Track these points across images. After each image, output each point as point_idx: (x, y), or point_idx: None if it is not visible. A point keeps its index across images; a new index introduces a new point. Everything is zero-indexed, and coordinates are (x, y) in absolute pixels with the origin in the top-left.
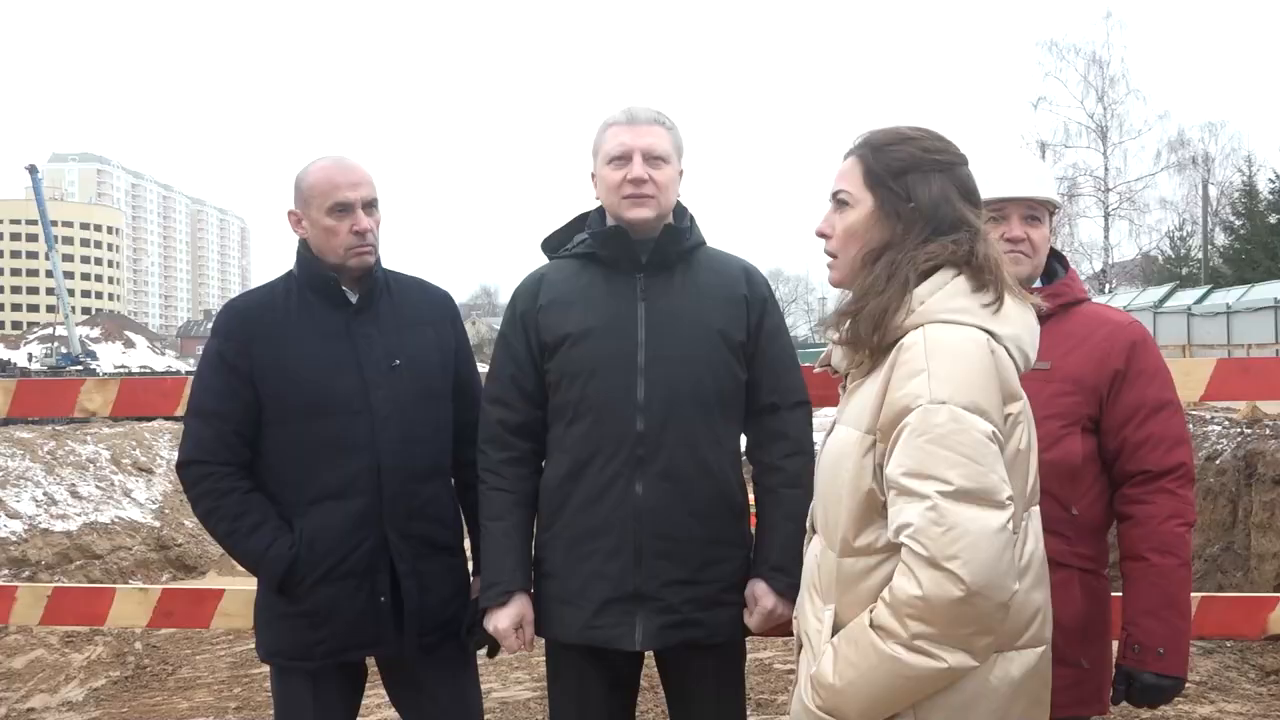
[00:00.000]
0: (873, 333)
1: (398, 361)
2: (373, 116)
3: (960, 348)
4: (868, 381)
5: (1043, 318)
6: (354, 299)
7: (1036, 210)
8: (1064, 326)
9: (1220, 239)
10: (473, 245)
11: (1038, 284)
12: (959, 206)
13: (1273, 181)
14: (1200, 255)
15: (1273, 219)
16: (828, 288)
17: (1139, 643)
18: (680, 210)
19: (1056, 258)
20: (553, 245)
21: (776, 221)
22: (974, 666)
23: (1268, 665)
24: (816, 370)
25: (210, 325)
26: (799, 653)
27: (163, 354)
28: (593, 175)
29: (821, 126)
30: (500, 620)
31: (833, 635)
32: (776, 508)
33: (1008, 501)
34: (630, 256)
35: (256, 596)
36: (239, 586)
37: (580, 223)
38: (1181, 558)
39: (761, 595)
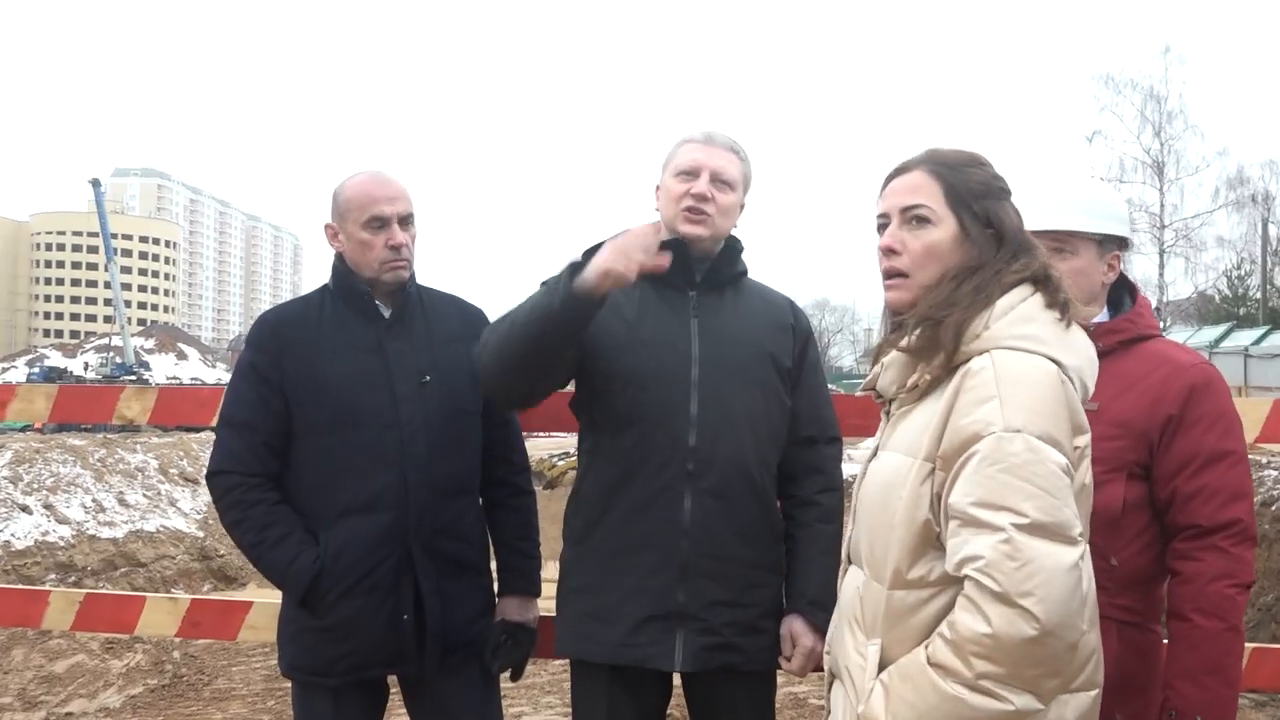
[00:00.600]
0: (954, 340)
1: (428, 377)
2: (426, 138)
3: (1032, 376)
4: (921, 406)
5: (1099, 355)
6: (387, 313)
7: (1063, 242)
8: (1121, 365)
9: (1279, 279)
10: (519, 268)
11: (1103, 318)
12: (1028, 233)
13: None
14: (1259, 295)
15: None
16: (874, 319)
17: (1175, 708)
18: (732, 238)
19: (1126, 288)
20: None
21: (822, 251)
22: (1038, 710)
23: None
24: (860, 394)
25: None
26: (830, 687)
27: (214, 366)
28: (657, 188)
29: (869, 157)
30: (604, 251)
31: (879, 672)
32: (813, 542)
33: (1079, 537)
34: (685, 272)
35: (280, 610)
36: (271, 599)
37: None
38: (1229, 621)
39: (801, 634)
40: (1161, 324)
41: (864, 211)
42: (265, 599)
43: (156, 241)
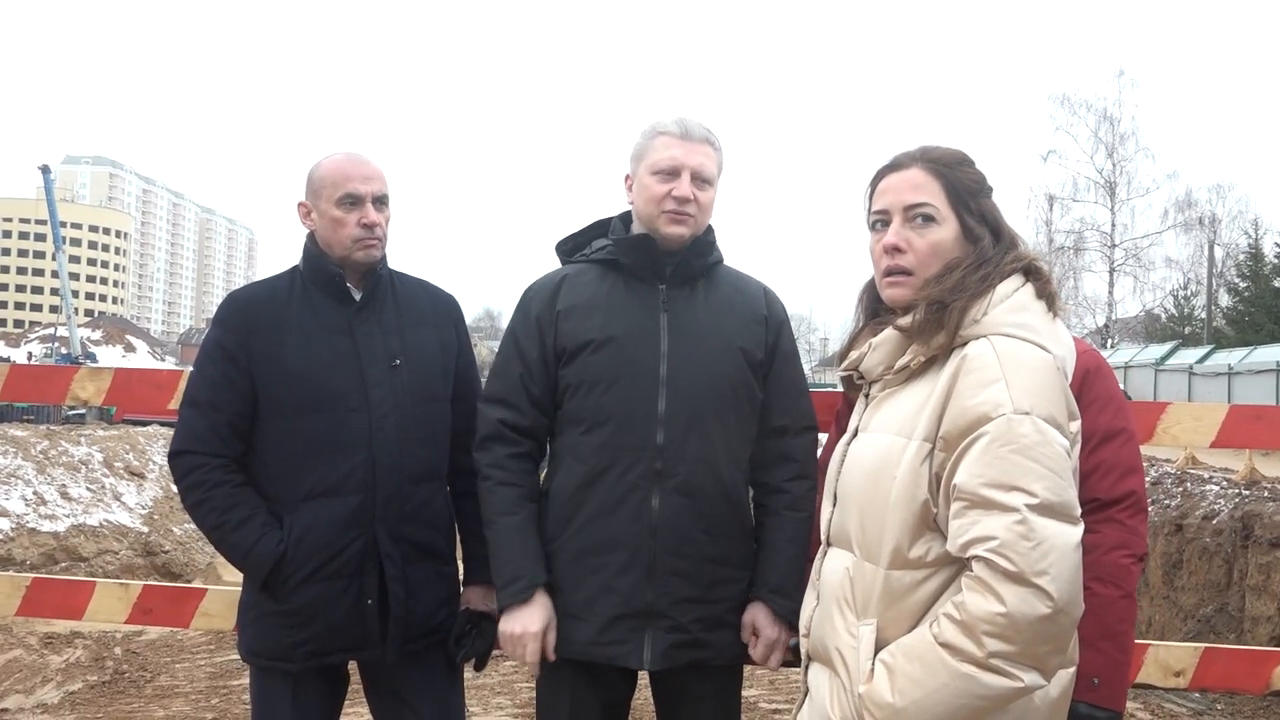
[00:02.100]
0: (957, 323)
1: (398, 361)
2: (385, 133)
3: (1034, 361)
4: (911, 388)
5: None
6: (358, 296)
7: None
8: None
9: (1224, 300)
10: (476, 266)
11: None
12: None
13: (1279, 245)
14: (1203, 315)
15: (1277, 283)
16: (830, 328)
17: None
18: (706, 227)
19: None
20: (568, 249)
21: (779, 260)
22: (1043, 686)
23: None
24: (841, 374)
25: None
26: (806, 670)
27: (163, 360)
28: (627, 178)
29: (826, 169)
30: (530, 621)
31: (875, 652)
32: (779, 530)
33: (1080, 518)
34: (655, 267)
35: (241, 594)
36: (221, 590)
37: (598, 228)
38: (1124, 589)
39: (764, 625)
40: (1109, 341)
41: (820, 222)
42: (218, 588)
43: (107, 231)
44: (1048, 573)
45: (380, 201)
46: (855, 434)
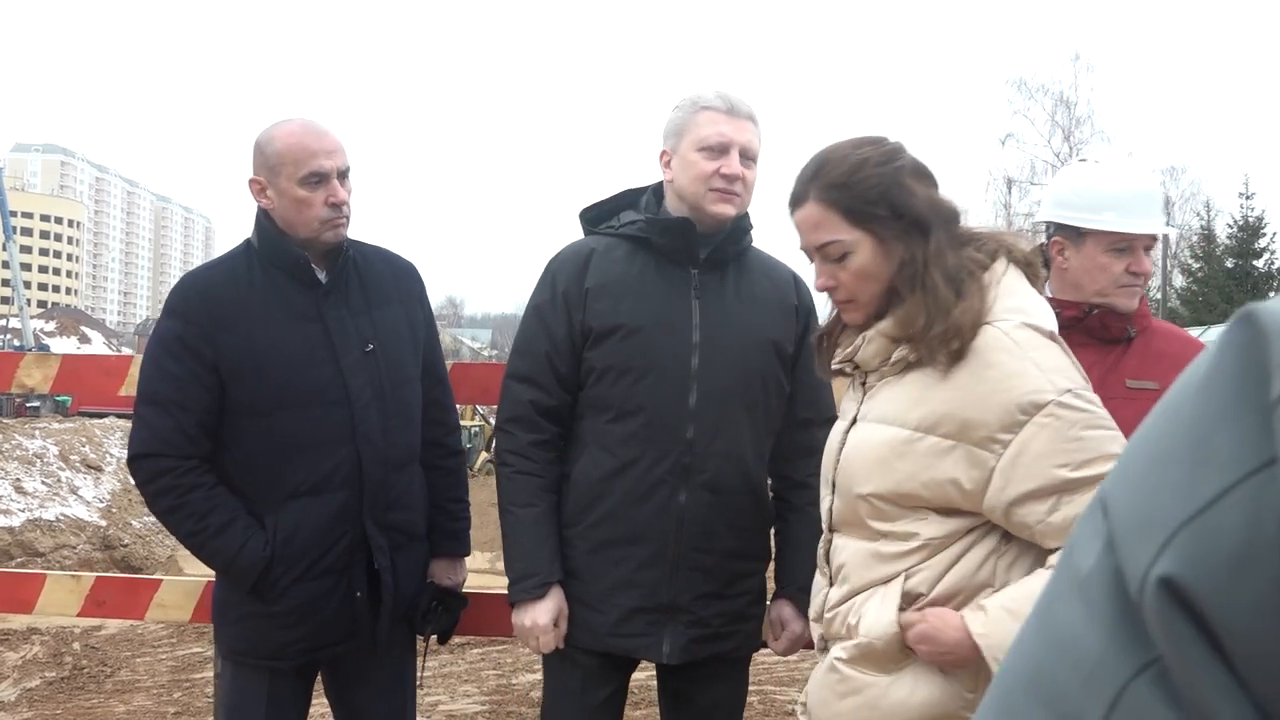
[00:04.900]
0: (971, 339)
1: (370, 346)
2: (344, 118)
3: (1038, 339)
4: (912, 378)
5: (1130, 339)
6: (323, 277)
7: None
8: (1155, 345)
9: (1178, 281)
10: (438, 253)
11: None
12: (935, 195)
13: (1230, 227)
14: (1159, 296)
15: (1230, 264)
16: (821, 317)
17: None
18: (742, 216)
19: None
20: (593, 218)
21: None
22: None
23: None
24: (834, 366)
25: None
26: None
27: (119, 351)
28: (665, 154)
29: (785, 153)
30: (540, 615)
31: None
32: (805, 526)
33: None
34: (690, 251)
35: (216, 590)
36: (179, 577)
37: (626, 199)
38: None
39: (790, 619)
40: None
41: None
42: (173, 578)
43: (59, 221)
44: None
45: (344, 175)
46: (853, 422)
